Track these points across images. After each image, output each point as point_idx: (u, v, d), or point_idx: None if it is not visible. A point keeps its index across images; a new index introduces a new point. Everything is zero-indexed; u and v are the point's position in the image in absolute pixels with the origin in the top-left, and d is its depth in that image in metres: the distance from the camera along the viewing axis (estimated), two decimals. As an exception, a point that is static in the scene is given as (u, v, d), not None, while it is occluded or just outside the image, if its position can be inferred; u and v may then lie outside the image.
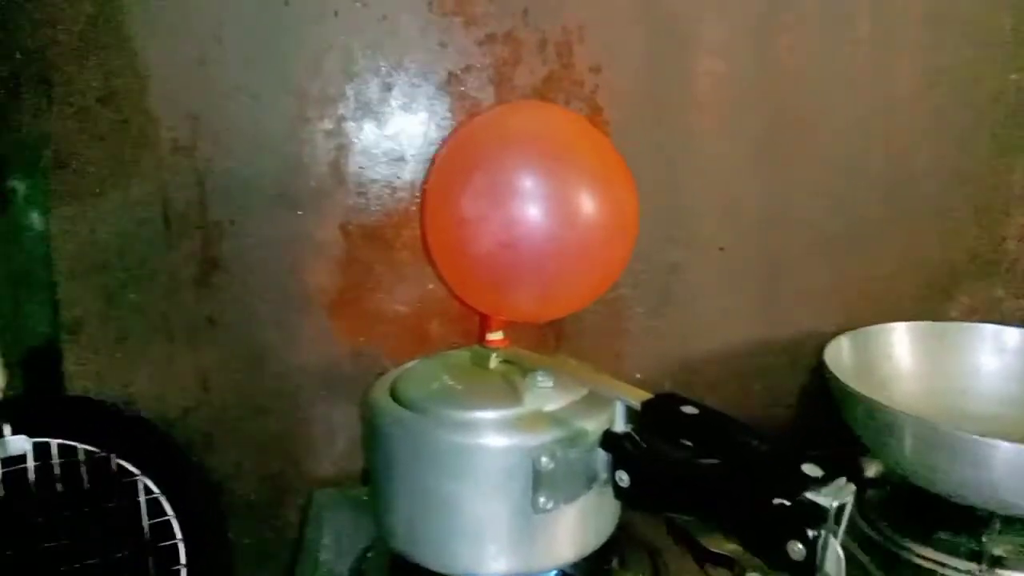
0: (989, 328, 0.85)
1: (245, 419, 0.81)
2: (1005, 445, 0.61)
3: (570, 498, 0.59)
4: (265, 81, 0.75)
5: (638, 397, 0.56)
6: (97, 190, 0.74)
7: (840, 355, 0.80)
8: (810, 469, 0.48)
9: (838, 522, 0.47)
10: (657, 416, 0.54)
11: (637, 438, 0.57)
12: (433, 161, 0.59)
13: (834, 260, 0.89)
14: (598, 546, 0.63)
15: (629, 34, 0.80)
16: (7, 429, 0.72)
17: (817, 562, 0.47)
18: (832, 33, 0.84)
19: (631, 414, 0.57)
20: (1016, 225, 0.92)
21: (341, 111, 0.77)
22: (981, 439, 0.62)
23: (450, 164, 0.59)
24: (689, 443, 0.53)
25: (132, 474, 0.76)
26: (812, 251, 0.88)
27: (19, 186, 0.73)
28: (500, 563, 0.60)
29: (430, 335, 0.82)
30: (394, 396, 0.64)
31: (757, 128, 0.84)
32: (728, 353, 0.88)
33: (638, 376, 0.86)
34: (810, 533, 0.47)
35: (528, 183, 0.56)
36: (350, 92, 0.76)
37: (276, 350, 0.80)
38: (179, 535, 0.76)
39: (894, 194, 0.89)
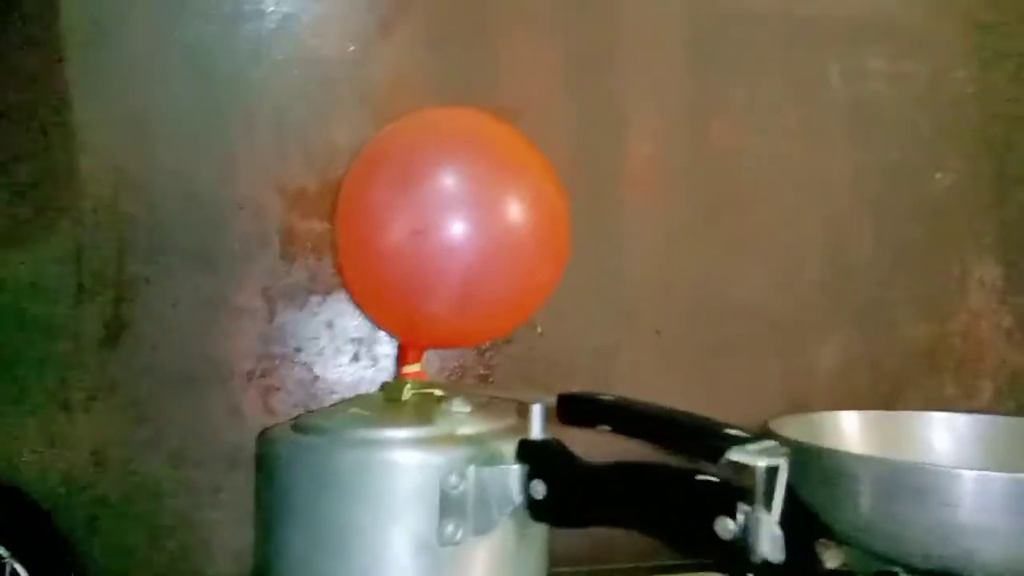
0: (942, 416, 0.81)
1: (138, 503, 0.73)
2: (968, 474, 0.56)
3: (482, 528, 0.52)
4: (197, 143, 0.75)
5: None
6: (10, 243, 0.72)
7: (786, 434, 0.75)
8: (735, 431, 0.43)
9: (771, 493, 0.42)
10: (574, 406, 0.50)
11: (554, 444, 0.51)
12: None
13: (776, 349, 0.87)
14: (517, 605, 0.55)
15: (563, 114, 0.82)
16: None
17: (751, 540, 0.41)
18: (761, 123, 0.88)
19: (549, 419, 0.52)
20: (959, 322, 0.91)
21: (271, 180, 0.76)
22: (945, 469, 0.58)
23: (362, 159, 0.58)
24: (608, 427, 0.48)
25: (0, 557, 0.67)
26: (751, 336, 0.86)
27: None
28: (401, 609, 0.52)
29: (352, 413, 0.76)
30: (293, 428, 0.58)
31: (691, 211, 0.85)
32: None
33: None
34: (740, 506, 0.41)
35: (441, 169, 0.55)
36: (280, 154, 0.77)
37: (180, 425, 0.74)
38: (43, 631, 0.66)
39: (832, 284, 0.89)
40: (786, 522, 0.42)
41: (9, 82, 0.72)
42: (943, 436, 0.80)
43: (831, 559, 0.74)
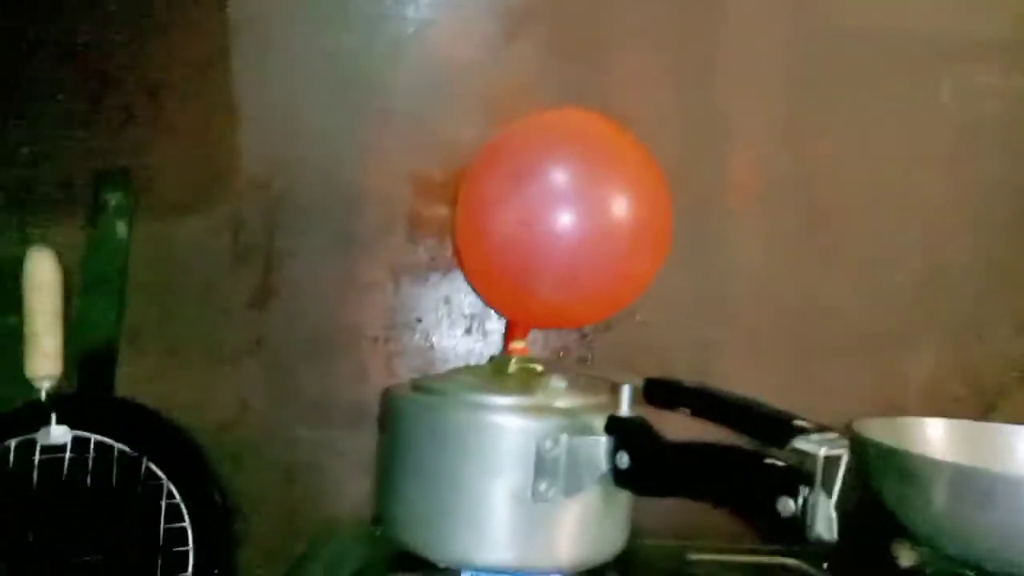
0: (1031, 431, 0.82)
1: (276, 445, 0.83)
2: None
3: (571, 490, 0.59)
4: (340, 135, 0.85)
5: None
6: (179, 212, 0.83)
7: (870, 436, 0.77)
8: (802, 422, 0.48)
9: (831, 479, 0.46)
10: (659, 389, 0.56)
11: (639, 421, 0.57)
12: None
13: (868, 357, 0.89)
14: (598, 561, 0.62)
15: (671, 122, 0.87)
16: (52, 418, 0.77)
17: (808, 520, 0.46)
18: (864, 136, 0.90)
19: (636, 399, 0.58)
20: (1058, 340, 0.91)
21: (402, 170, 0.85)
22: (1016, 476, 0.60)
23: (480, 157, 0.65)
24: (688, 409, 0.54)
25: (159, 478, 0.79)
26: (845, 345, 0.88)
27: (112, 200, 0.81)
28: (497, 553, 0.59)
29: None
30: (414, 387, 0.66)
31: (791, 219, 0.89)
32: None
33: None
34: (801, 489, 0.46)
35: (547, 167, 0.61)
36: (410, 146, 0.85)
37: (315, 381, 0.84)
38: (191, 544, 0.77)
39: (929, 299, 0.90)
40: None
41: (184, 62, 0.83)
42: (1031, 453, 0.81)
43: (906, 558, 0.78)
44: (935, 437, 0.82)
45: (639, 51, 0.89)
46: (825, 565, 0.77)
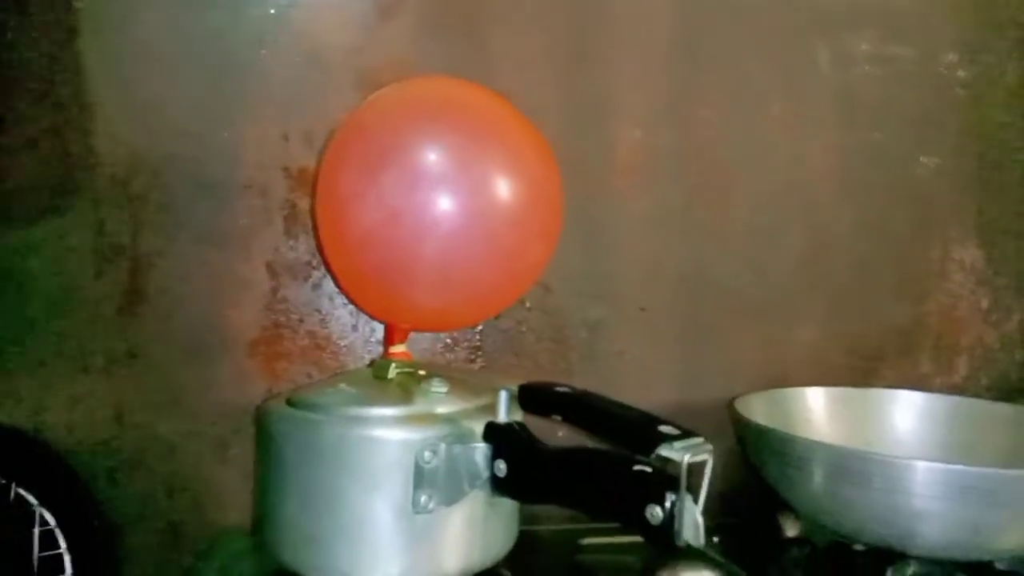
0: (907, 394, 0.85)
1: (156, 459, 0.79)
2: (921, 464, 0.61)
3: (453, 499, 0.58)
4: (206, 126, 0.80)
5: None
6: (33, 217, 0.78)
7: (752, 413, 0.79)
8: (667, 429, 0.48)
9: (696, 485, 0.47)
10: (532, 395, 0.55)
11: (517, 428, 0.56)
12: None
13: (755, 326, 0.91)
14: (487, 565, 0.61)
15: (551, 100, 0.85)
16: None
17: (676, 526, 0.46)
18: (746, 108, 0.90)
19: (513, 406, 0.57)
20: (937, 302, 0.94)
21: (275, 161, 0.81)
22: (896, 459, 0.62)
23: (334, 144, 0.60)
24: (559, 417, 0.53)
25: (30, 505, 0.74)
26: (733, 316, 0.90)
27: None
28: (381, 568, 0.58)
29: (351, 380, 0.82)
30: (288, 403, 0.64)
31: (676, 194, 0.89)
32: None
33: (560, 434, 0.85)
34: (668, 495, 0.46)
35: (409, 151, 0.56)
36: (284, 136, 0.81)
37: (194, 388, 0.80)
38: (69, 571, 0.74)
39: (813, 265, 0.92)
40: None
41: (28, 60, 0.77)
42: (906, 414, 0.84)
43: (791, 529, 0.80)
44: (816, 406, 0.85)
45: (519, 26, 0.86)
46: (715, 539, 0.78)
